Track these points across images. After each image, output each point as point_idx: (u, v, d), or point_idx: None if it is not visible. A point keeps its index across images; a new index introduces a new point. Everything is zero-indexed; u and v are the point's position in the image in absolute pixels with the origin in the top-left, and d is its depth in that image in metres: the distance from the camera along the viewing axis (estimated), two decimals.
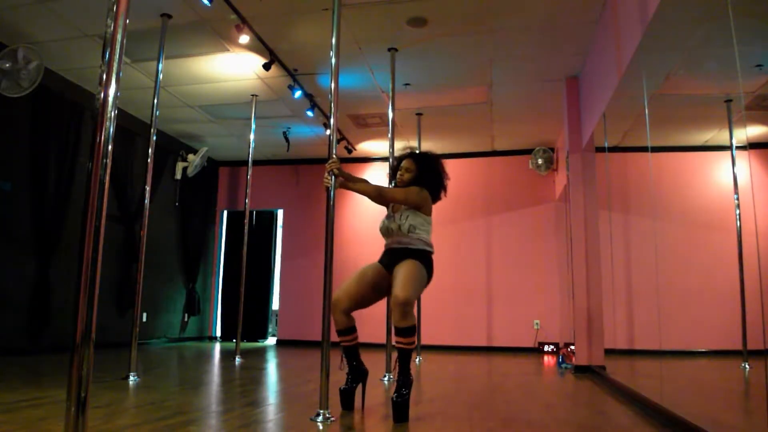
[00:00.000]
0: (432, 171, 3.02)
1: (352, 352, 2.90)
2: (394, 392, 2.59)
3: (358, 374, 2.89)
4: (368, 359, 3.01)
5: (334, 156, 2.87)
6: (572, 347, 5.28)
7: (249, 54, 5.08)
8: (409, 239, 2.88)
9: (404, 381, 2.61)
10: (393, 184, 3.15)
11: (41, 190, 5.36)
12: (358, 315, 2.88)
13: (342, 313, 2.84)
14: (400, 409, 2.55)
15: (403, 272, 2.74)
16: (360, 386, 2.90)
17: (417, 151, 3.14)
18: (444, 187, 3.07)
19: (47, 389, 3.20)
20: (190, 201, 7.90)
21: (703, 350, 5.03)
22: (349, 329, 2.87)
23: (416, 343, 2.71)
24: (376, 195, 2.94)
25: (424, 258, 2.86)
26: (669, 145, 5.01)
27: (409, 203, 2.91)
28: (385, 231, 2.98)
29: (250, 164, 6.00)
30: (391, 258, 2.89)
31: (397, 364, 2.67)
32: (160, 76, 4.30)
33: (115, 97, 1.62)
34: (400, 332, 2.64)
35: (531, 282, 7.33)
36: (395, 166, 3.12)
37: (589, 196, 5.06)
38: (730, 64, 2.49)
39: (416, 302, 5.56)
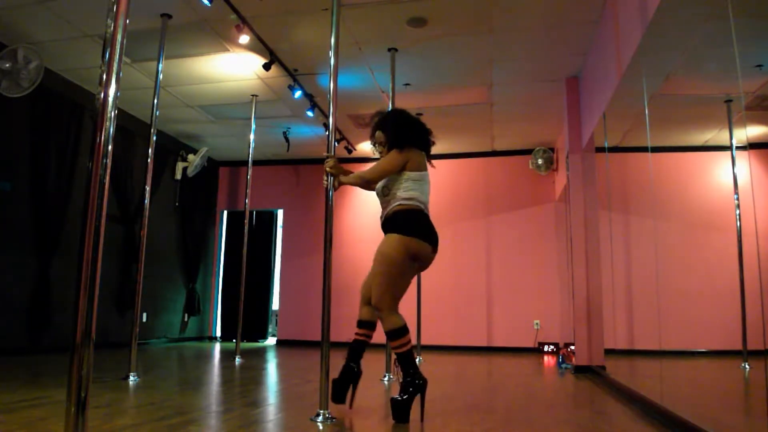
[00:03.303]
0: (402, 126, 2.91)
1: (359, 350, 2.85)
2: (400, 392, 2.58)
3: (352, 374, 2.83)
4: (368, 359, 3.01)
5: (330, 153, 2.85)
6: (572, 347, 5.28)
7: (249, 54, 5.08)
8: (387, 203, 2.84)
9: (407, 382, 2.58)
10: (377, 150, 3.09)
11: (41, 190, 5.36)
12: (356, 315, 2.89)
13: (364, 304, 2.86)
14: (397, 409, 2.53)
15: (373, 268, 2.74)
16: (350, 387, 2.84)
17: (379, 117, 3.01)
18: (424, 136, 2.94)
19: (47, 389, 3.20)
20: (190, 201, 7.89)
21: (703, 350, 5.03)
22: (365, 323, 2.86)
23: (410, 342, 2.67)
24: (365, 184, 2.92)
25: (398, 221, 2.74)
26: (669, 145, 5.01)
27: (394, 170, 2.81)
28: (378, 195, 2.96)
29: (250, 164, 6.00)
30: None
31: (398, 367, 2.65)
32: (160, 76, 4.30)
33: (115, 97, 1.62)
34: (387, 336, 2.67)
35: (531, 282, 7.32)
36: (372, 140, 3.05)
37: (589, 196, 5.06)
38: (730, 64, 2.49)
39: (416, 302, 5.63)
